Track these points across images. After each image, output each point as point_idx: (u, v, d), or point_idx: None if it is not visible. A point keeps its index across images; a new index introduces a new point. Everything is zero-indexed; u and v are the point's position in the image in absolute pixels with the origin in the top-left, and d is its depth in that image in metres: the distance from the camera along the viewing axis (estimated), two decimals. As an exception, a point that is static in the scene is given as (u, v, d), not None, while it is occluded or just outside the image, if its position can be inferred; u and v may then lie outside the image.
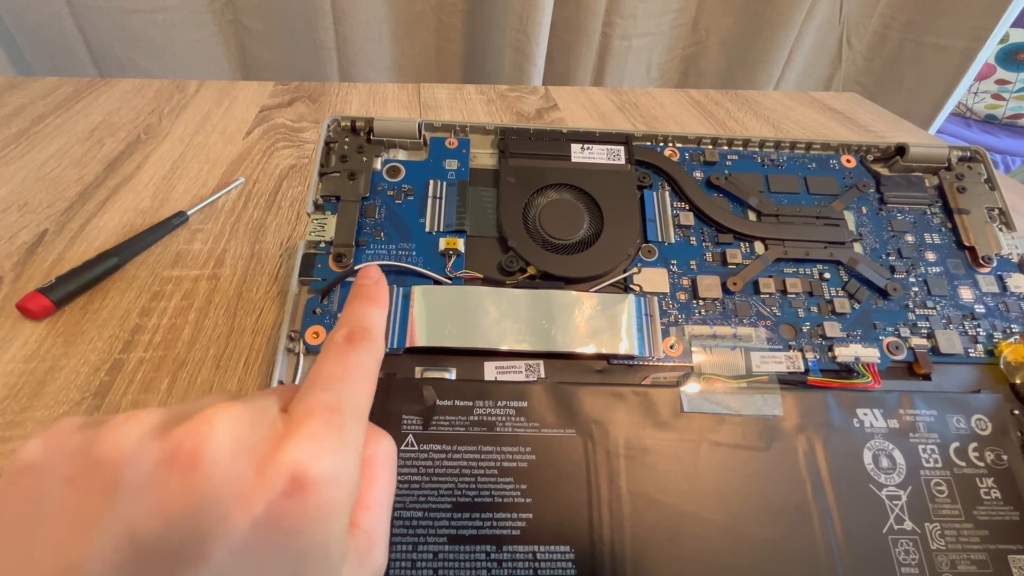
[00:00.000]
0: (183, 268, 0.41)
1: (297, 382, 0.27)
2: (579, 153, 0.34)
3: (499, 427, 0.26)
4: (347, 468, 0.15)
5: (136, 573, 0.12)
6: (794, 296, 0.31)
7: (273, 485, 0.13)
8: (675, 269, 0.31)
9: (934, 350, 0.30)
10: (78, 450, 0.14)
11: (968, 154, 0.36)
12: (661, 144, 0.36)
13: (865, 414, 0.27)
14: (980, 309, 0.31)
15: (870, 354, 0.29)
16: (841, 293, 0.31)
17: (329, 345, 0.17)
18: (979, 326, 0.30)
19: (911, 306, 0.31)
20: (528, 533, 0.24)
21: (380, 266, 0.30)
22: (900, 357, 0.29)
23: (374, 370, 0.18)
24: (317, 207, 0.31)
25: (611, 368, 0.28)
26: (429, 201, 0.32)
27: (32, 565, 0.13)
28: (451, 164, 0.34)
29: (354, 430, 0.16)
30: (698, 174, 0.34)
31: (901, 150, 0.35)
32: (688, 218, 0.33)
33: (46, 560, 0.13)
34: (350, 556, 0.15)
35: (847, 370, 0.29)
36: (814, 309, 0.30)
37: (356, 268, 0.30)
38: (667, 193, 0.34)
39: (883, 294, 0.31)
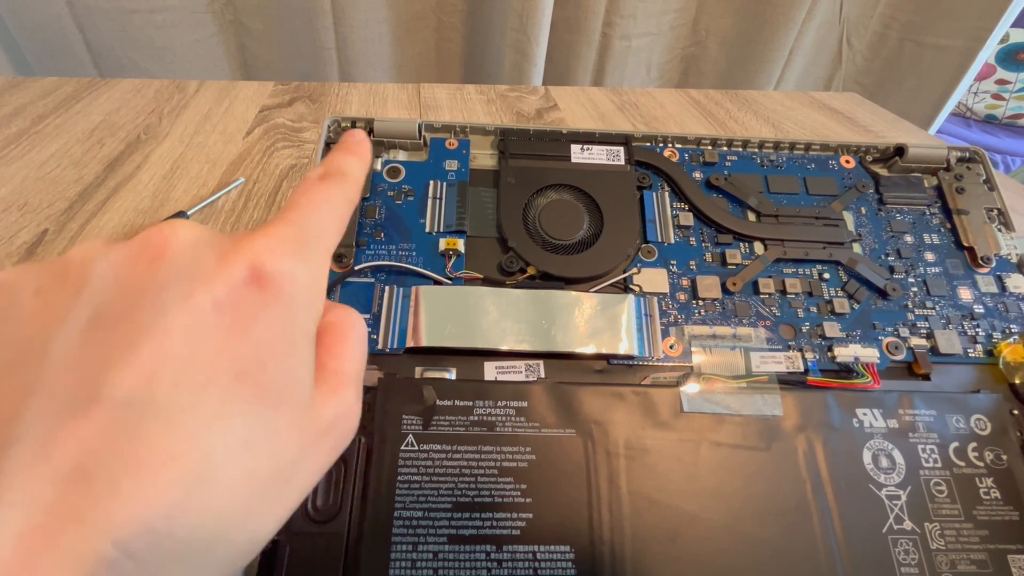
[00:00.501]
0: (183, 268, 0.41)
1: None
2: (579, 154, 0.34)
3: (499, 427, 0.26)
4: (306, 272, 0.15)
5: (96, 344, 0.13)
6: (793, 296, 0.31)
7: (233, 272, 0.14)
8: (675, 269, 0.31)
9: (933, 350, 0.30)
10: (47, 263, 0.15)
11: (967, 155, 0.36)
12: (661, 145, 0.36)
13: (865, 414, 0.27)
14: (979, 309, 0.31)
15: (869, 354, 0.29)
16: (840, 293, 0.31)
17: (301, 183, 0.17)
18: (978, 326, 0.30)
19: (910, 306, 0.31)
20: (528, 533, 0.24)
21: (380, 267, 0.30)
22: (899, 357, 0.29)
23: (343, 206, 0.18)
24: (317, 207, 0.31)
25: (611, 368, 0.28)
26: (429, 201, 0.32)
27: None
28: (451, 165, 0.34)
29: (315, 249, 0.16)
30: (698, 175, 0.34)
31: (900, 151, 0.35)
32: (688, 218, 0.33)
33: (8, 354, 0.13)
34: (321, 386, 0.15)
35: (846, 370, 0.29)
36: (813, 309, 0.30)
37: (357, 268, 0.30)
38: (667, 194, 0.34)
39: (882, 294, 0.31)
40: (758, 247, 0.32)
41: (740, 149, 0.36)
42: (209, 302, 0.13)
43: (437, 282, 0.30)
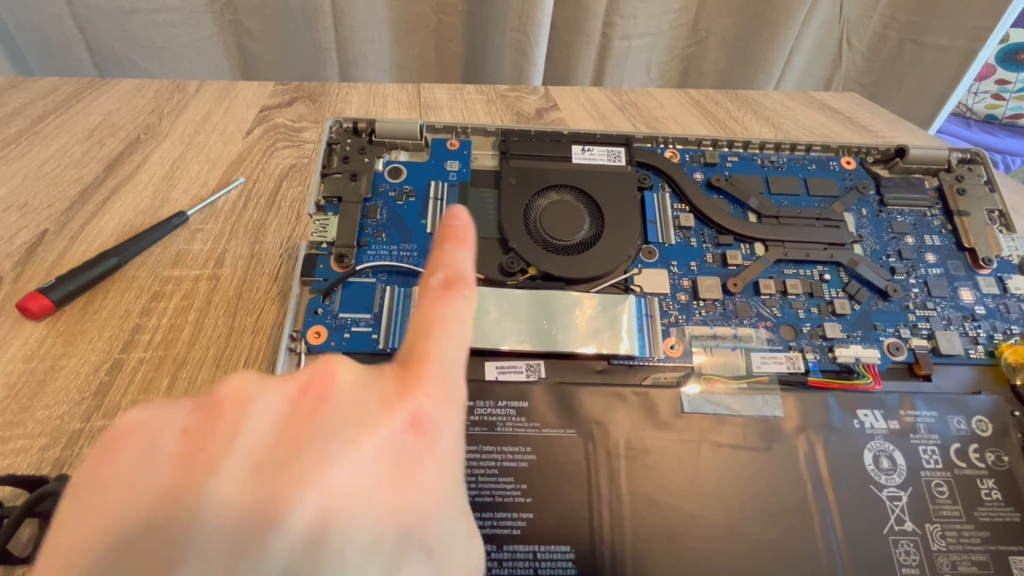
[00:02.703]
0: (183, 268, 0.41)
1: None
2: (580, 154, 0.34)
3: (500, 427, 0.26)
4: (456, 415, 0.15)
5: (255, 503, 0.12)
6: (794, 297, 0.31)
7: (395, 419, 0.14)
8: (675, 270, 0.31)
9: (934, 351, 0.30)
10: (193, 404, 0.14)
11: (968, 156, 0.36)
12: (661, 146, 0.36)
13: (865, 415, 0.27)
14: (980, 310, 0.31)
15: (870, 355, 0.29)
16: (841, 294, 0.31)
17: (426, 292, 0.17)
18: (979, 327, 0.30)
19: (911, 307, 0.31)
20: (528, 533, 0.24)
21: (382, 267, 0.30)
22: (900, 358, 0.29)
23: (471, 319, 0.17)
24: (319, 208, 0.31)
25: (612, 368, 0.28)
26: (430, 202, 0.32)
27: (125, 523, 0.12)
28: (452, 165, 0.34)
29: (459, 385, 0.16)
30: (698, 175, 0.34)
31: (901, 152, 0.35)
32: (688, 219, 0.33)
33: (146, 515, 0.12)
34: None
35: (847, 371, 0.29)
36: (814, 310, 0.30)
37: (358, 268, 0.30)
38: (667, 194, 0.34)
39: (883, 295, 0.31)
40: (759, 248, 0.32)
41: (741, 150, 0.36)
42: (373, 450, 0.13)
43: (438, 283, 0.30)
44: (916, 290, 0.31)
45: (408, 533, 0.13)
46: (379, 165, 0.33)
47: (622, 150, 0.34)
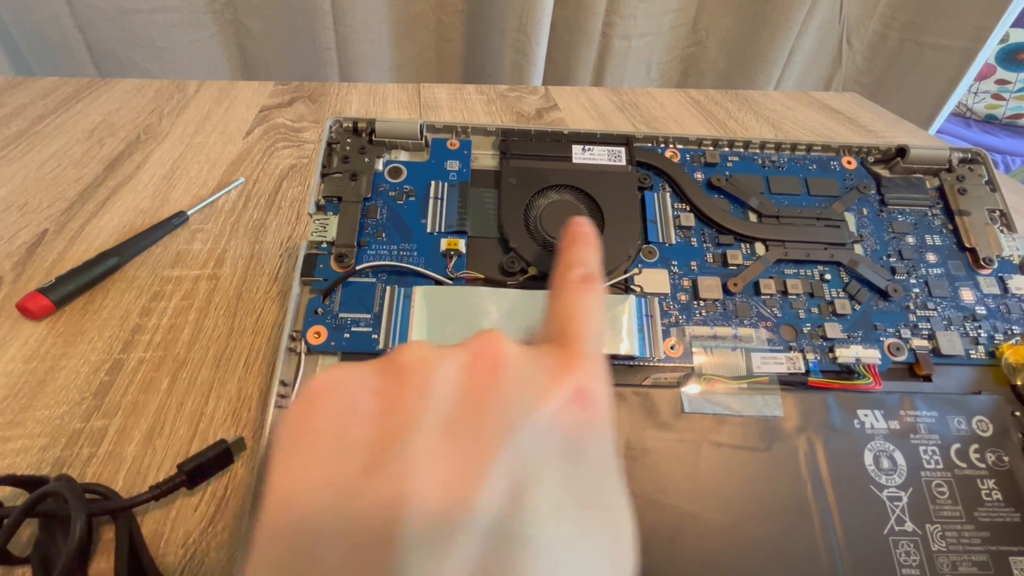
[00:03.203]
0: (183, 268, 0.41)
1: (299, 382, 0.27)
2: (580, 154, 0.34)
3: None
4: (610, 396, 0.16)
5: (454, 456, 0.13)
6: (795, 297, 0.31)
7: (563, 391, 0.15)
8: (676, 270, 0.31)
9: (935, 351, 0.30)
10: (378, 368, 0.15)
11: (969, 156, 0.36)
12: (662, 145, 0.36)
13: (866, 415, 0.27)
14: (981, 311, 0.31)
15: (871, 355, 0.29)
16: (842, 294, 0.31)
17: (566, 284, 0.19)
18: (980, 327, 0.30)
19: (912, 307, 0.31)
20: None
21: (382, 267, 0.30)
22: (901, 358, 0.29)
23: (603, 311, 0.20)
24: (319, 207, 0.31)
25: (612, 368, 0.28)
26: (430, 202, 0.32)
27: (344, 468, 0.13)
28: (452, 165, 0.34)
29: (605, 366, 0.17)
30: (699, 175, 0.34)
31: (902, 152, 0.35)
32: (689, 219, 0.33)
33: (361, 463, 0.13)
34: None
35: (848, 371, 0.29)
36: (815, 310, 0.30)
37: (358, 268, 0.30)
38: (668, 194, 0.34)
39: (884, 295, 0.31)
40: (759, 248, 0.32)
41: (741, 150, 0.36)
42: (548, 417, 0.14)
43: (438, 282, 0.30)
44: (917, 290, 0.31)
45: (586, 496, 0.14)
46: (379, 165, 0.33)
47: (622, 150, 0.34)
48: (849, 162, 0.36)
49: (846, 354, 0.29)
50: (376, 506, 0.12)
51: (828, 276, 0.31)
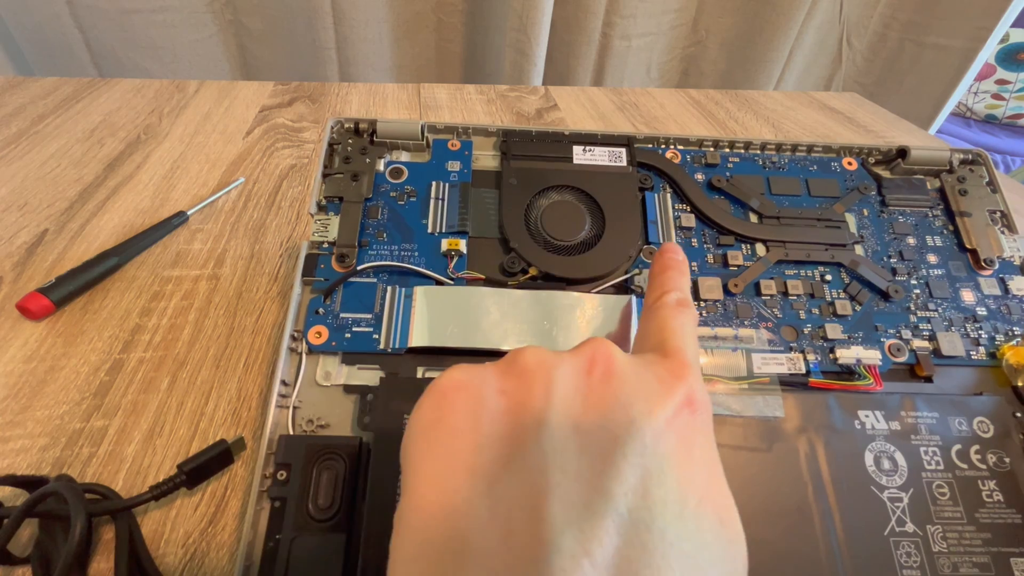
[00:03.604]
0: (183, 268, 0.41)
1: (299, 382, 0.27)
2: (581, 155, 0.34)
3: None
4: (711, 406, 0.17)
5: (587, 452, 0.14)
6: (795, 298, 0.31)
7: (675, 396, 0.16)
8: (677, 270, 0.31)
9: (936, 352, 0.30)
10: (500, 370, 0.17)
11: (970, 156, 0.36)
12: (662, 146, 0.36)
13: (867, 416, 0.27)
14: (982, 311, 0.31)
15: (871, 356, 0.29)
16: (842, 295, 0.31)
17: (663, 306, 0.20)
18: (981, 328, 0.30)
19: (913, 308, 0.31)
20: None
21: (383, 267, 0.30)
22: (902, 359, 0.29)
23: (697, 332, 0.21)
24: (320, 208, 0.31)
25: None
26: (431, 202, 0.32)
27: (485, 459, 0.14)
28: (453, 165, 0.34)
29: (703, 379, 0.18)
30: (699, 176, 0.34)
31: (902, 152, 0.35)
32: (689, 220, 0.33)
33: (499, 454, 0.14)
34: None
35: (848, 372, 0.29)
36: (815, 311, 0.30)
37: (359, 268, 0.30)
38: (668, 195, 0.34)
39: (884, 296, 0.31)
40: (760, 248, 0.32)
41: (742, 151, 0.36)
42: (664, 420, 0.15)
43: (439, 282, 0.30)
44: (917, 291, 0.31)
45: (703, 497, 0.14)
46: (380, 165, 0.33)
47: (623, 150, 0.34)
48: (850, 163, 0.36)
49: (847, 355, 0.29)
50: (522, 494, 0.13)
51: (829, 277, 0.31)
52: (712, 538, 0.14)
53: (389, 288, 0.29)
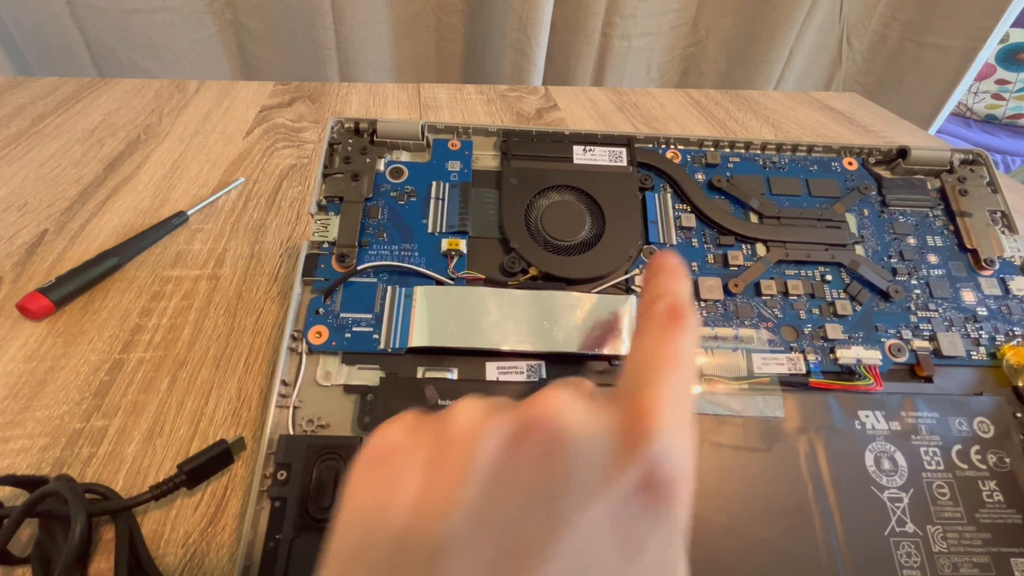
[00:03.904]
0: (183, 268, 0.41)
1: (299, 382, 0.27)
2: (581, 155, 0.34)
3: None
4: (690, 471, 0.14)
5: (487, 560, 0.12)
6: (796, 298, 0.31)
7: (629, 478, 0.13)
8: (677, 270, 0.31)
9: (936, 352, 0.30)
10: (433, 431, 0.15)
11: (970, 157, 0.36)
12: (663, 146, 0.36)
13: (867, 416, 0.27)
14: (982, 312, 0.31)
15: (872, 356, 0.29)
16: (843, 295, 0.31)
17: (651, 320, 0.16)
18: (981, 329, 0.30)
19: (913, 308, 0.31)
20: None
21: (383, 267, 0.30)
22: (902, 359, 0.29)
23: (694, 355, 0.16)
24: (320, 208, 0.31)
25: (612, 369, 0.28)
26: (432, 202, 0.32)
27: (380, 539, 0.13)
28: (454, 165, 0.34)
29: (690, 429, 0.14)
30: (700, 176, 0.34)
31: (903, 153, 0.35)
32: (690, 220, 0.33)
33: (408, 535, 0.13)
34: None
35: (849, 372, 0.29)
36: (816, 311, 0.30)
37: (360, 268, 0.30)
38: (669, 195, 0.34)
39: (885, 296, 0.31)
40: (760, 249, 0.32)
41: (742, 151, 0.36)
42: (606, 512, 0.12)
43: (439, 282, 0.30)
44: (918, 291, 0.31)
45: None
46: (380, 165, 0.33)
47: (623, 150, 0.34)
48: (850, 163, 0.36)
49: (847, 355, 0.29)
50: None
51: (829, 277, 0.31)
52: None
53: (389, 288, 0.29)
